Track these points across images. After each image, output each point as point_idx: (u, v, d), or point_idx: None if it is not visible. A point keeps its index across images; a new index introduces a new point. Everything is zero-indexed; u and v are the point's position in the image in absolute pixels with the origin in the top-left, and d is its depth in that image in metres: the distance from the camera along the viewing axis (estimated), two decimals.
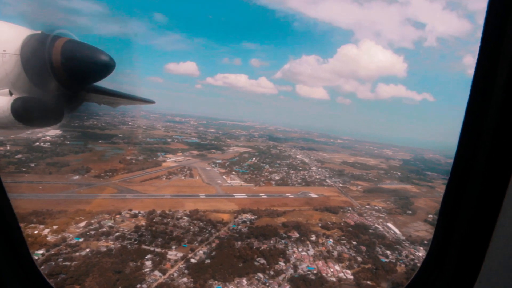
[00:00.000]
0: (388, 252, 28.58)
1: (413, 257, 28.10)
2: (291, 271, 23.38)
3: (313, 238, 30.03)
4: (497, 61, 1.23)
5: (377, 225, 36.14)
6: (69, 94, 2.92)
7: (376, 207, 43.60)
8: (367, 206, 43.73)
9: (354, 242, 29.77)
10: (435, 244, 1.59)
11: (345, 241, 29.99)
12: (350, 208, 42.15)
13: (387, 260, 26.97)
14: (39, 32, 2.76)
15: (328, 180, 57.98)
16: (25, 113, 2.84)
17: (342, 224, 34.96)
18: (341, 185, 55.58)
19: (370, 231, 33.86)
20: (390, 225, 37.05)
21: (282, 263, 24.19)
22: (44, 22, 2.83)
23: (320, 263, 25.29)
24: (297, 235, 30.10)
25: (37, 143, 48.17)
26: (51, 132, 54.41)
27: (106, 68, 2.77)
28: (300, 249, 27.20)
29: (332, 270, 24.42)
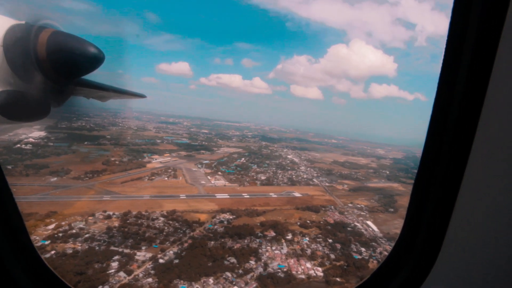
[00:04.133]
0: (363, 249, 28.78)
1: (387, 254, 28.34)
2: (260, 269, 23.40)
3: (289, 236, 30.11)
4: (459, 62, 1.31)
5: (356, 223, 36.37)
6: (55, 87, 2.76)
7: (358, 206, 43.87)
8: (350, 205, 43.98)
9: (330, 240, 29.92)
10: (401, 237, 1.74)
11: (321, 239, 30.12)
12: (332, 206, 42.35)
13: (360, 257, 27.16)
14: (23, 22, 2.58)
15: (315, 180, 58.16)
16: (9, 107, 2.66)
17: (322, 222, 35.11)
18: (327, 184, 55.83)
19: (349, 229, 34.06)
20: (369, 222, 37.32)
21: (252, 262, 24.18)
22: (29, 12, 2.67)
23: (292, 261, 25.36)
24: (273, 234, 30.14)
25: (18, 145, 47.36)
26: (35, 134, 53.57)
27: (95, 61, 2.60)
28: (273, 248, 27.23)
29: (303, 267, 24.51)
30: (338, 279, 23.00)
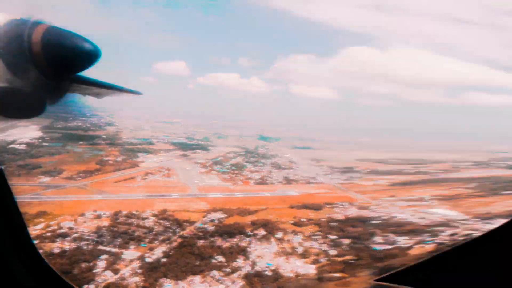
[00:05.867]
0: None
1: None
2: (248, 268, 23.49)
3: (280, 235, 30.17)
4: None
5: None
6: (51, 84, 2.72)
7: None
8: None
9: (316, 237, 29.82)
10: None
11: (315, 237, 30.09)
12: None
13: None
14: (17, 17, 2.56)
15: (311, 179, 58.28)
16: (3, 104, 2.65)
17: (309, 220, 35.16)
18: (320, 182, 56.08)
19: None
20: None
21: (240, 260, 24.28)
22: (23, 8, 2.63)
23: (281, 259, 25.45)
24: (264, 232, 30.20)
25: (12, 145, 47.28)
26: (30, 134, 53.56)
27: (91, 57, 2.58)
28: (263, 246, 27.32)
29: (291, 265, 24.60)
30: (330, 274, 23.07)
